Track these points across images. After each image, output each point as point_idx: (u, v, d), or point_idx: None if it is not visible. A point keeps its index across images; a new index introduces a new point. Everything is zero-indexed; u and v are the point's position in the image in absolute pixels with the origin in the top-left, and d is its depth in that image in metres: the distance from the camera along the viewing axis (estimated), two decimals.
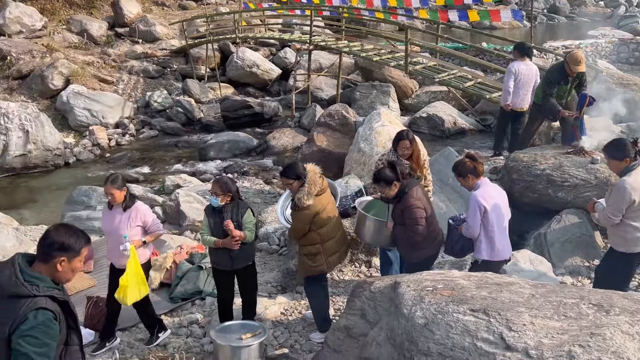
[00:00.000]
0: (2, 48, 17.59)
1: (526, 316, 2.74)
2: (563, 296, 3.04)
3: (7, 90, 16.67)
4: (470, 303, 2.91)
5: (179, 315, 5.96)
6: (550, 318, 2.74)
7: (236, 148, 13.95)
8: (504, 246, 4.76)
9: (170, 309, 6.02)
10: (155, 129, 16.05)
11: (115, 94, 17.22)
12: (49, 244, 2.57)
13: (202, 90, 18.27)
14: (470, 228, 4.63)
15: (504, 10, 15.02)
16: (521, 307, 2.87)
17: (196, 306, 6.11)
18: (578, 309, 2.84)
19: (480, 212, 4.53)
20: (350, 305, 3.85)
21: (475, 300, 2.95)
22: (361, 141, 8.73)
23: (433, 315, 2.88)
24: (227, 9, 23.84)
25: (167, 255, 6.62)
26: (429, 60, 15.24)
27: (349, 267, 6.65)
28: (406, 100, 16.12)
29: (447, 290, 3.12)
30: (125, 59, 19.49)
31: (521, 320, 2.70)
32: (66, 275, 2.65)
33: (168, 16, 23.48)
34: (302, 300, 6.04)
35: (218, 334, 4.77)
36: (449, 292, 3.07)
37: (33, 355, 2.36)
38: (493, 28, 28.89)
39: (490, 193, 4.64)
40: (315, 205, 4.71)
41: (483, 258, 4.70)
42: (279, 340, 5.25)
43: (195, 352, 5.04)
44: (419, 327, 2.90)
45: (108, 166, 13.62)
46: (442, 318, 2.84)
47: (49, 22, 20.62)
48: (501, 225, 4.68)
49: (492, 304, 2.89)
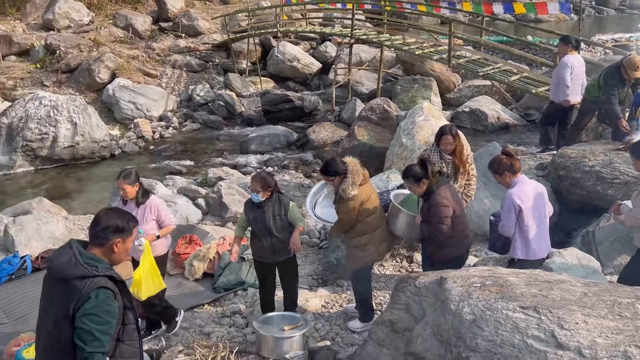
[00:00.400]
0: (52, 42, 18.16)
1: (579, 315, 2.67)
2: (617, 295, 2.95)
3: (56, 84, 17.21)
4: (520, 300, 2.86)
5: (222, 305, 6.05)
6: (604, 317, 2.67)
7: (276, 142, 14.04)
8: (541, 245, 4.66)
9: (213, 299, 6.13)
10: (197, 122, 16.28)
11: (159, 87, 17.56)
12: (104, 227, 2.72)
13: (243, 84, 18.44)
14: (504, 227, 4.57)
15: (551, 3, 14.55)
16: (573, 305, 2.80)
17: (238, 296, 6.20)
18: (634, 309, 2.76)
19: (515, 211, 4.45)
20: (394, 299, 3.84)
21: (525, 297, 2.90)
22: (403, 135, 8.65)
23: (481, 311, 2.84)
24: (269, 3, 23.94)
25: (210, 246, 6.73)
26: (473, 53, 14.98)
27: (390, 261, 6.63)
28: (448, 95, 15.90)
29: (495, 286, 3.07)
30: (168, 53, 19.83)
31: (573, 319, 2.63)
32: (121, 255, 2.81)
33: (210, 10, 23.78)
34: (342, 294, 6.06)
35: (260, 325, 4.84)
36: (498, 289, 3.02)
37: (95, 332, 2.50)
38: (538, 21, 28.20)
39: (527, 191, 4.54)
40: (360, 194, 4.73)
41: (518, 257, 4.63)
42: (320, 333, 5.28)
43: (238, 341, 5.12)
44: (467, 323, 2.87)
45: (152, 158, 13.93)
46: (491, 315, 2.79)
47: (95, 17, 21.19)
48: (538, 224, 4.59)
49: (543, 301, 2.83)
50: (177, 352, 4.96)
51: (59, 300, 2.61)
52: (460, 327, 2.89)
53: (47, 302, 2.73)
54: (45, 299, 2.75)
